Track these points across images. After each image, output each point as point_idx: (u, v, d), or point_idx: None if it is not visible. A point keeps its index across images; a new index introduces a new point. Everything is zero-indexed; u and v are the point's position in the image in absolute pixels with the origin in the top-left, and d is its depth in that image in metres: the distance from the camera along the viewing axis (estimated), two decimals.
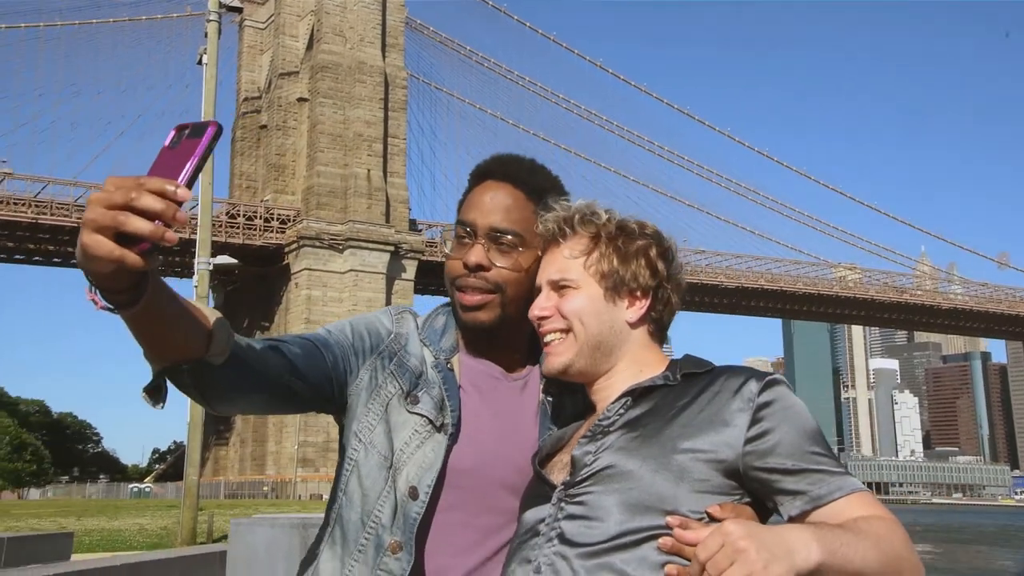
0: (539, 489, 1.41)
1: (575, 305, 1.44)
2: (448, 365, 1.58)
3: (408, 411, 1.52)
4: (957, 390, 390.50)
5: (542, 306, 1.46)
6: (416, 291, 75.25)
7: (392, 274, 72.96)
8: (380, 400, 1.55)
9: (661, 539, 1.25)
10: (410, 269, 74.27)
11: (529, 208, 1.56)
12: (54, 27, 73.30)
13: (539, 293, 1.49)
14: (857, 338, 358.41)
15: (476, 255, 1.53)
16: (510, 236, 1.54)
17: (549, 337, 1.46)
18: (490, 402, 1.57)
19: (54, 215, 66.27)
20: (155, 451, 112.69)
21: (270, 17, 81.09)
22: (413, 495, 1.47)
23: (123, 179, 1.03)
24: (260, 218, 73.13)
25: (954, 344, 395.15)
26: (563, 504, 1.33)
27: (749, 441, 1.29)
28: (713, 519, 1.26)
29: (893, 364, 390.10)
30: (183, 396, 1.32)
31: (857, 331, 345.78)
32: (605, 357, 1.44)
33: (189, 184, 1.05)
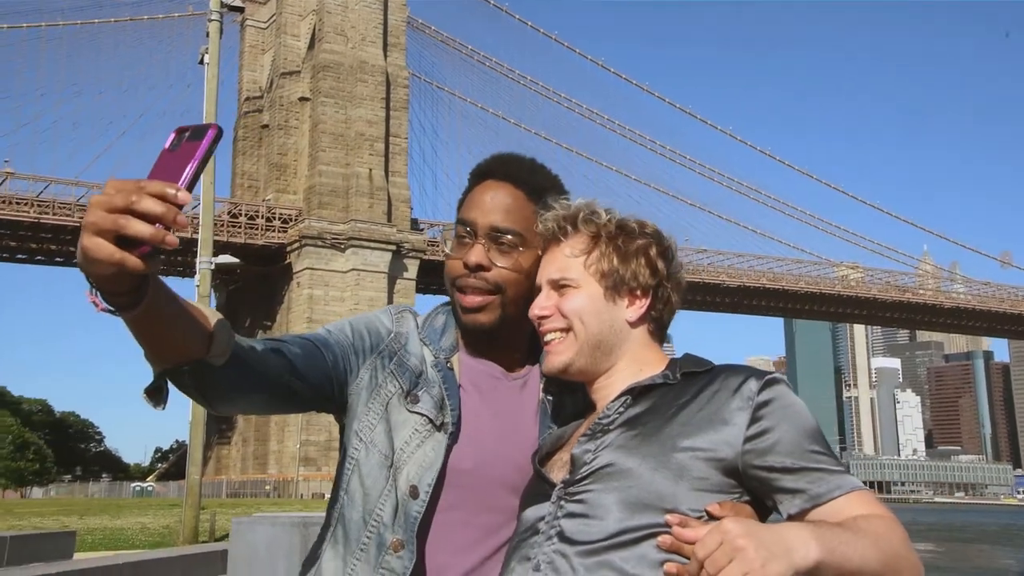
0: (539, 487, 1.41)
1: (575, 304, 1.44)
2: (448, 364, 1.58)
3: (408, 410, 1.52)
4: (959, 389, 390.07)
5: (542, 305, 1.46)
6: (418, 290, 75.22)
7: (394, 273, 72.91)
8: (380, 399, 1.54)
9: (660, 537, 1.24)
10: (412, 268, 74.22)
11: (530, 208, 1.55)
12: (56, 27, 73.31)
13: (539, 292, 1.49)
14: (859, 337, 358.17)
15: (476, 255, 1.53)
16: (511, 236, 1.54)
17: (549, 336, 1.46)
18: (490, 401, 1.57)
19: (56, 214, 66.26)
20: (157, 450, 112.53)
21: (272, 17, 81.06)
22: (413, 494, 1.47)
23: (123, 182, 1.03)
24: (262, 217, 73.06)
25: (956, 343, 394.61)
26: (563, 502, 1.33)
27: (748, 439, 1.29)
28: (712, 517, 1.26)
29: (895, 363, 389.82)
30: (184, 395, 1.32)
31: (859, 330, 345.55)
32: (605, 356, 1.44)
33: (189, 187, 1.04)
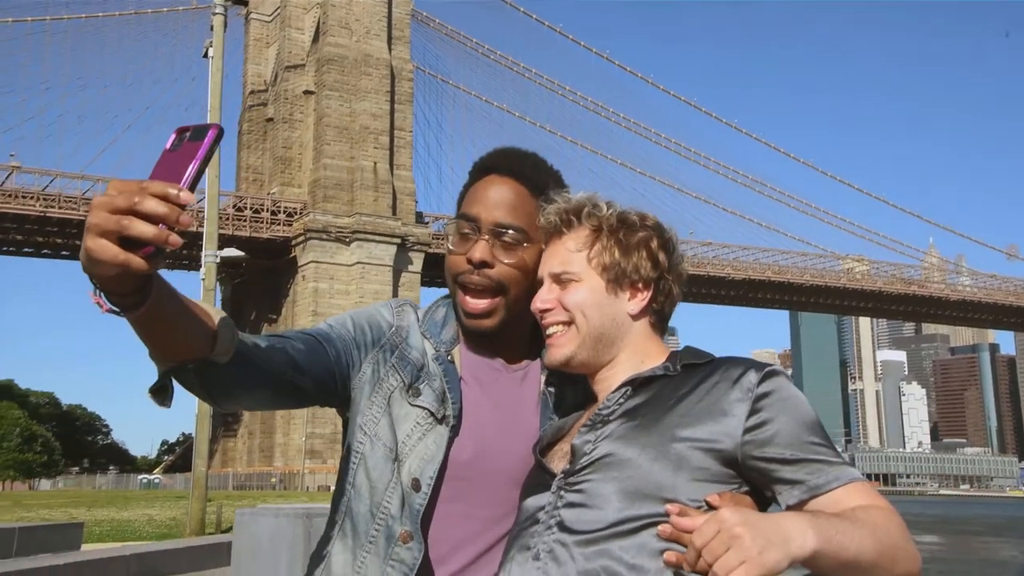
0: (539, 478, 1.42)
1: (577, 298, 1.44)
2: (449, 357, 1.58)
3: (410, 404, 1.53)
4: (965, 382, 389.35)
5: (544, 299, 1.47)
6: (423, 283, 75.27)
7: (399, 266, 72.93)
8: (383, 393, 1.55)
9: (660, 526, 1.26)
10: (417, 261, 74.23)
11: (532, 204, 1.55)
12: (60, 21, 73.33)
13: (541, 285, 1.49)
14: (864, 330, 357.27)
15: (480, 251, 1.52)
16: (514, 232, 1.53)
17: (551, 329, 1.46)
18: (491, 393, 1.58)
19: (62, 208, 66.39)
20: (164, 443, 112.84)
21: (276, 10, 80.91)
22: (416, 487, 1.48)
23: (125, 183, 1.02)
24: (267, 211, 73.13)
25: (962, 336, 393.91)
26: (563, 492, 1.34)
27: (748, 431, 1.30)
28: (712, 508, 1.26)
29: (901, 356, 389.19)
30: (190, 393, 1.33)
31: (864, 323, 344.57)
32: (607, 348, 1.45)
33: (191, 187, 1.04)
